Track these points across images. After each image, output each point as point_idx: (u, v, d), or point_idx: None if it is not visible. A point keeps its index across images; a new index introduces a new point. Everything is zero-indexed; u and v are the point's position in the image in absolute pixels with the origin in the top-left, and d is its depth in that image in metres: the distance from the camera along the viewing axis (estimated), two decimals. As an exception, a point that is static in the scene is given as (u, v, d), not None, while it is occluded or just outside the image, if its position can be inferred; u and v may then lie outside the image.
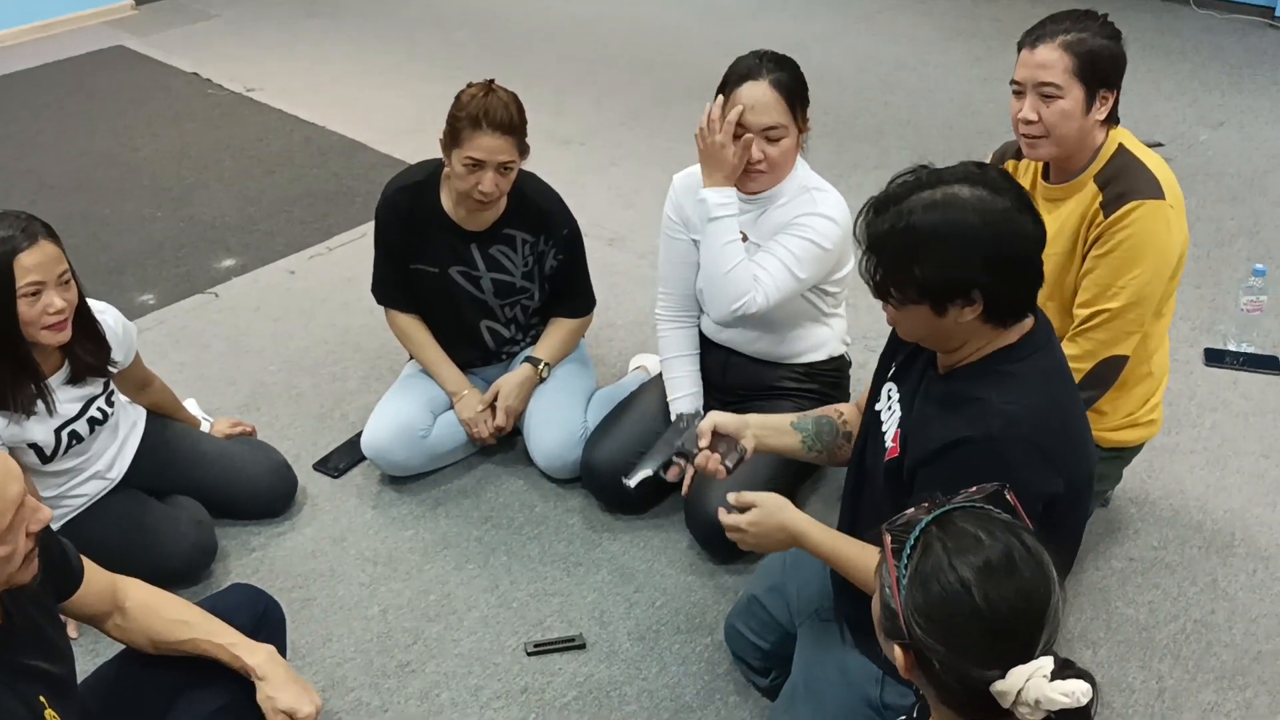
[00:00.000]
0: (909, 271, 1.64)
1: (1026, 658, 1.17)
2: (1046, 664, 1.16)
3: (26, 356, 2.22)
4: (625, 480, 2.07)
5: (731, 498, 1.95)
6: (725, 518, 1.94)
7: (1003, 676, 1.17)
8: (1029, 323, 1.73)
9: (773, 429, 2.10)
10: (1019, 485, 1.36)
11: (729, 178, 2.45)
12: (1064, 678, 1.15)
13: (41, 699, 1.65)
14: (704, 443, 2.05)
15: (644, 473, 2.03)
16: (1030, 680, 1.15)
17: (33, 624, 1.69)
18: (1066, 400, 1.74)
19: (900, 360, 1.90)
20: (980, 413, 1.65)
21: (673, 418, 2.66)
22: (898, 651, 1.26)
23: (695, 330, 2.78)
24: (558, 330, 2.94)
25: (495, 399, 2.86)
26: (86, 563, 1.90)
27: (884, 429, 1.88)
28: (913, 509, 1.31)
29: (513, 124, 2.56)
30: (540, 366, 2.89)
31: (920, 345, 1.80)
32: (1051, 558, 1.25)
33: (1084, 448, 1.76)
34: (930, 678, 1.24)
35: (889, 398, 1.91)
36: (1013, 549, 1.21)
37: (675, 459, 2.04)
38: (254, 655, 1.93)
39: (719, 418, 2.07)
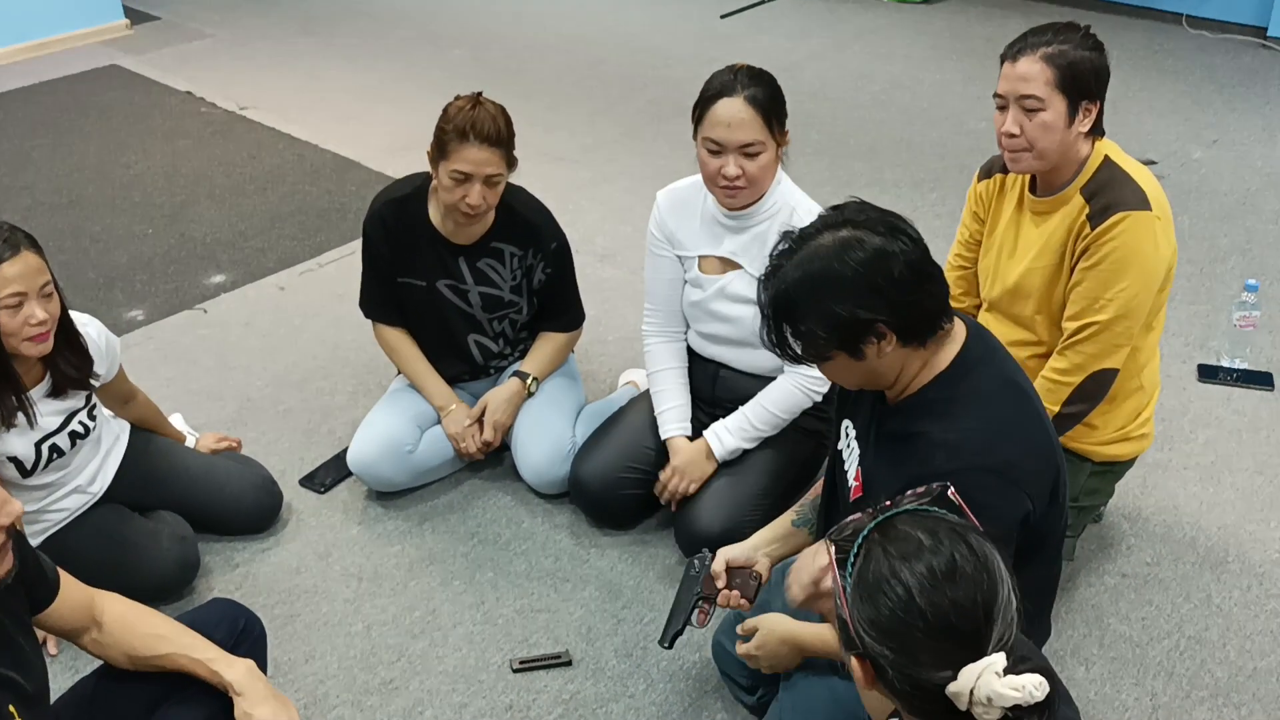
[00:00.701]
0: (805, 331, 1.68)
1: (977, 657, 1.16)
2: (998, 660, 1.15)
3: (7, 368, 2.19)
4: (660, 642, 2.14)
5: (739, 629, 2.04)
6: (740, 648, 2.04)
7: (954, 678, 1.16)
8: (960, 337, 1.73)
9: (779, 539, 2.14)
10: (982, 514, 1.34)
11: None
12: (1017, 673, 1.14)
13: (11, 709, 1.62)
14: (721, 583, 2.10)
15: (674, 628, 2.11)
16: (981, 678, 1.14)
17: (5, 633, 1.66)
18: (1014, 412, 1.72)
19: (851, 396, 1.90)
20: (924, 448, 1.67)
21: (669, 439, 2.67)
22: (855, 664, 1.25)
23: (682, 345, 2.77)
24: (546, 344, 2.92)
25: (483, 414, 2.84)
26: (63, 576, 1.87)
27: (846, 467, 1.90)
28: (857, 515, 1.30)
29: (500, 136, 2.55)
30: (529, 381, 2.87)
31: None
32: (1038, 569, 1.23)
33: (1044, 454, 1.74)
34: (888, 687, 1.23)
35: (847, 434, 1.92)
36: (955, 550, 1.20)
37: (700, 604, 2.10)
38: (232, 670, 1.90)
39: (729, 553, 2.12)
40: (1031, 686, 1.13)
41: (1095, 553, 2.66)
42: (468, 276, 2.76)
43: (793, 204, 2.49)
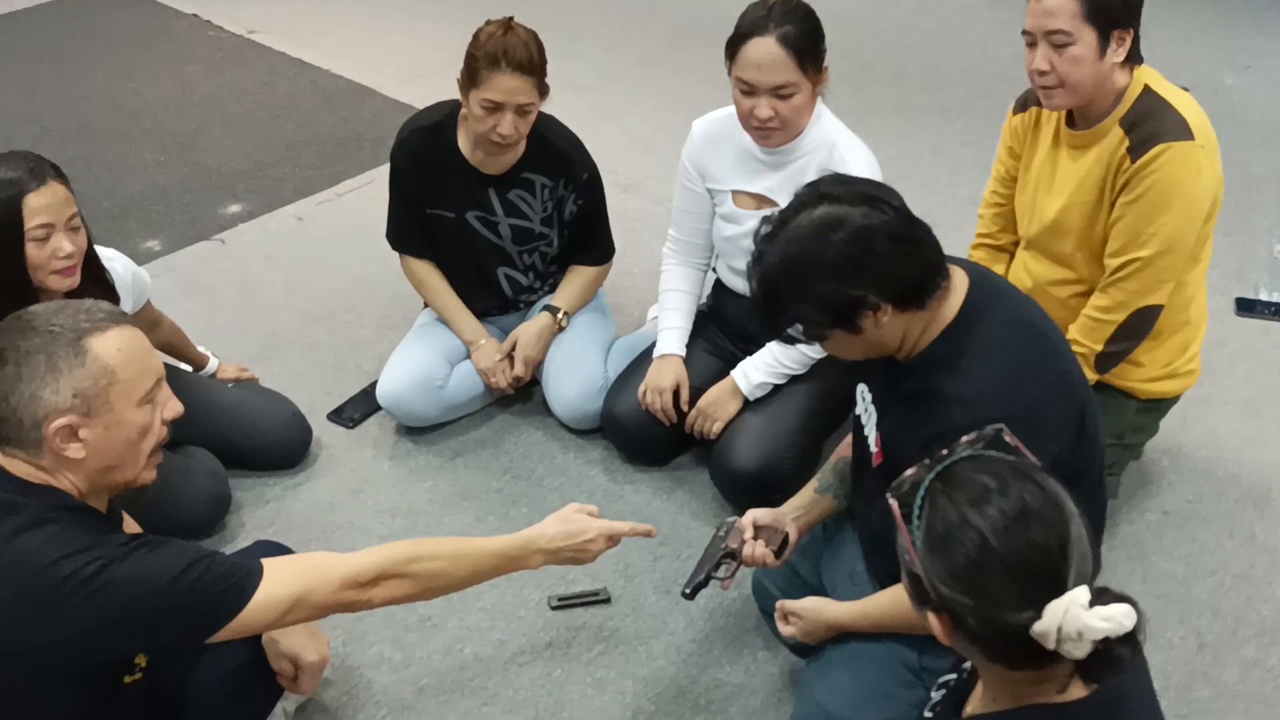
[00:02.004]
0: (798, 315, 1.67)
1: (1058, 593, 1.14)
2: (1082, 594, 1.13)
3: (36, 302, 2.14)
4: (683, 592, 2.08)
5: (778, 614, 2.01)
6: (784, 630, 2.01)
7: (1039, 617, 1.14)
8: (963, 287, 1.70)
9: (805, 506, 2.11)
10: None
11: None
12: (1103, 604, 1.12)
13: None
14: (747, 535, 2.06)
15: (698, 579, 2.06)
16: (1068, 613, 1.12)
17: None
18: (1028, 354, 1.69)
19: (863, 361, 1.86)
20: (939, 405, 1.65)
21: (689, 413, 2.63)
22: (932, 618, 1.23)
23: (700, 274, 2.73)
24: (576, 278, 2.87)
25: (513, 348, 2.79)
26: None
27: (866, 433, 1.88)
28: (913, 469, 1.28)
29: (533, 64, 2.47)
30: (559, 315, 2.82)
31: None
32: (1080, 505, 1.21)
33: (1065, 390, 1.71)
34: (969, 637, 1.21)
35: (864, 399, 1.90)
36: (1023, 490, 1.19)
37: (725, 560, 2.07)
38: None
39: (755, 514, 2.09)
40: (1121, 616, 1.11)
41: (1136, 489, 2.63)
42: (498, 208, 2.70)
43: (833, 140, 2.42)
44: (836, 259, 1.61)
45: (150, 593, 1.52)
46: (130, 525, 1.91)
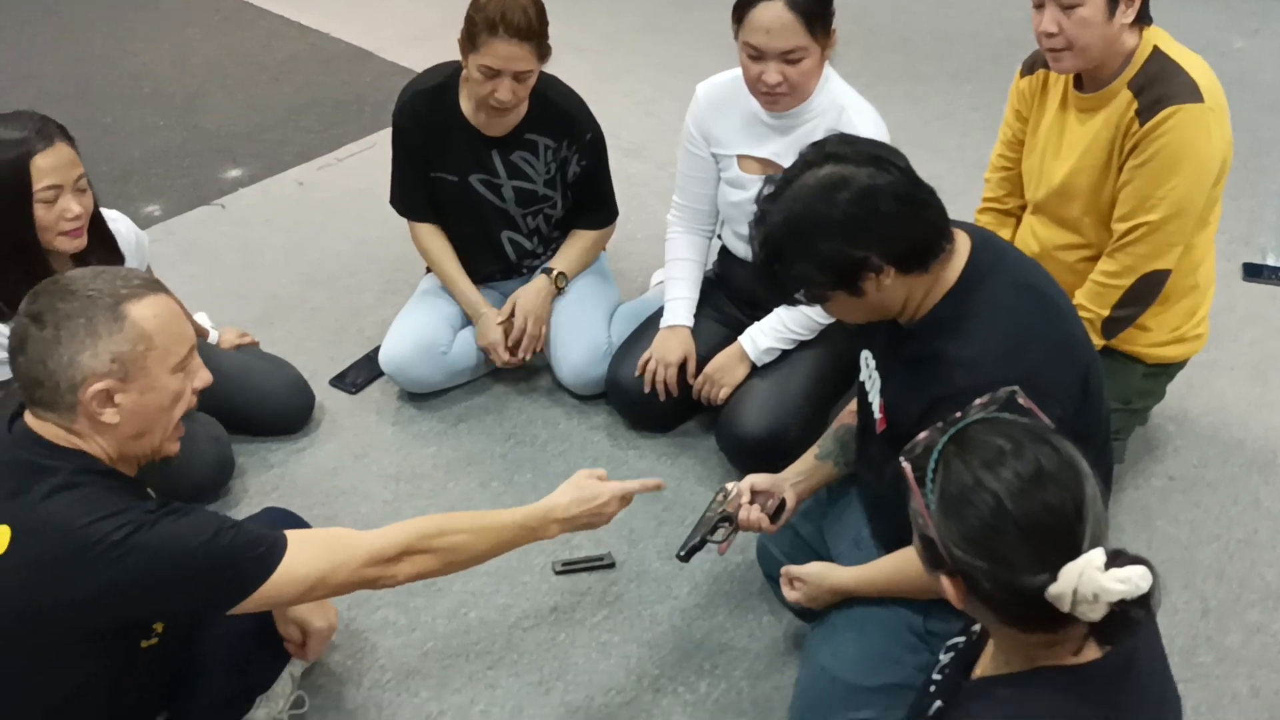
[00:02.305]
0: (800, 276, 1.65)
1: (1074, 556, 1.13)
2: (1097, 556, 1.12)
3: (44, 264, 2.13)
4: (677, 554, 2.08)
5: (783, 579, 2.01)
6: (788, 595, 2.01)
7: (1054, 579, 1.13)
8: (965, 250, 1.68)
9: (804, 472, 2.10)
10: None
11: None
12: (1119, 566, 1.12)
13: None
14: (744, 499, 2.06)
15: (692, 542, 2.06)
16: (1084, 575, 1.12)
17: None
18: (1031, 317, 1.67)
19: (866, 326, 1.85)
20: (942, 369, 1.63)
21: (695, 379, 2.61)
22: (945, 581, 1.23)
23: (705, 241, 2.71)
24: (576, 242, 2.85)
25: (512, 313, 2.77)
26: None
27: (870, 399, 1.86)
28: (926, 432, 1.27)
29: (531, 28, 2.43)
30: (555, 276, 2.79)
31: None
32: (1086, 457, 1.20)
33: (1068, 353, 1.69)
34: (983, 600, 1.20)
35: (868, 365, 1.89)
36: (1037, 452, 1.18)
37: (721, 524, 2.06)
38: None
39: (753, 479, 2.08)
40: (1137, 578, 1.11)
41: (1142, 455, 2.63)
42: (501, 170, 2.68)
43: (842, 104, 2.39)
44: (840, 219, 1.59)
45: (177, 557, 1.53)
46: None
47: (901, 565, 1.83)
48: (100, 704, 1.65)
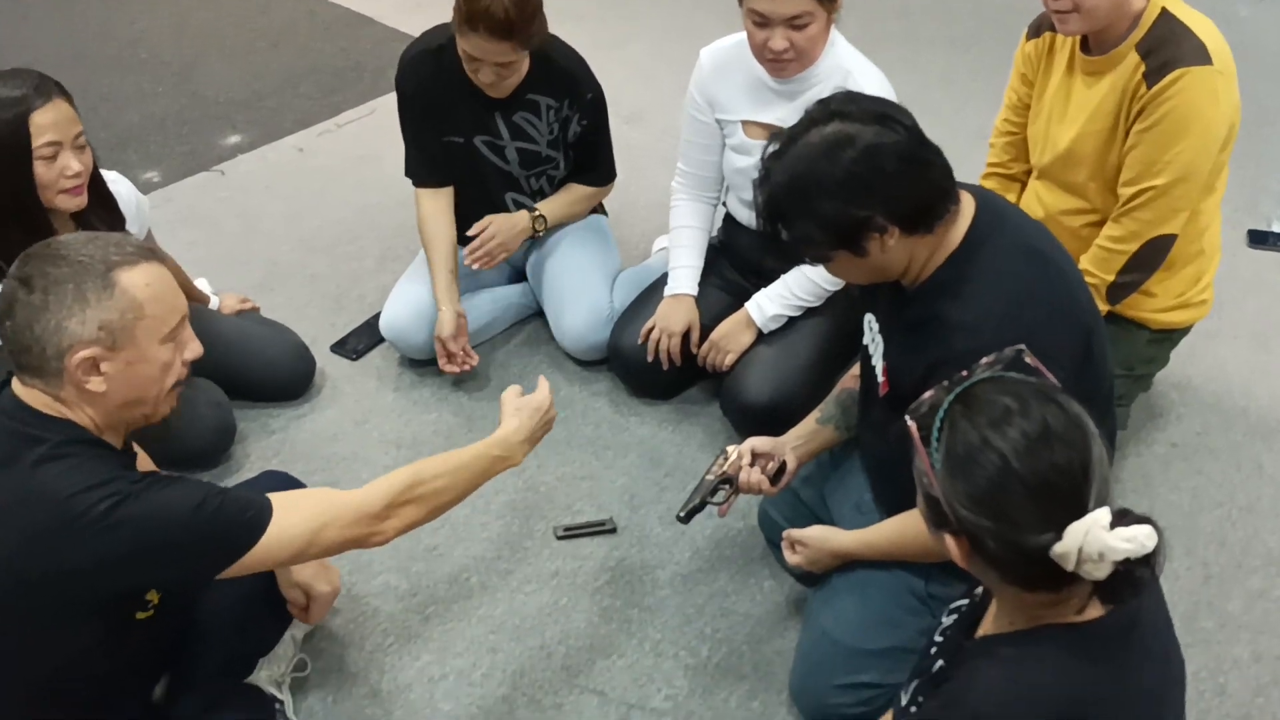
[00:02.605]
0: (803, 235, 1.63)
1: (1079, 515, 1.13)
2: (1103, 515, 1.12)
3: (45, 223, 2.11)
4: (677, 515, 2.09)
5: (784, 543, 2.02)
6: (789, 558, 2.01)
7: (1060, 538, 1.13)
8: (969, 212, 1.67)
9: (806, 436, 2.10)
10: None
11: None
12: (1125, 525, 1.11)
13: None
14: (744, 461, 2.05)
15: (692, 504, 2.06)
16: (1089, 534, 1.12)
17: None
18: (1033, 280, 1.66)
19: (866, 289, 1.85)
20: (942, 332, 1.62)
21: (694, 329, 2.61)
22: (950, 541, 1.22)
23: (710, 208, 2.69)
24: (567, 192, 2.82)
25: (482, 239, 2.70)
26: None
27: (873, 363, 1.85)
28: (931, 392, 1.26)
29: (510, 26, 2.36)
30: (535, 217, 2.75)
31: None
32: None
33: (1070, 317, 1.68)
34: (987, 559, 1.20)
35: (871, 329, 1.88)
36: (1044, 411, 1.17)
37: (721, 486, 2.06)
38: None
39: (754, 442, 2.08)
40: (1143, 537, 1.11)
41: (1144, 421, 2.62)
42: (504, 132, 2.66)
43: (847, 67, 2.37)
44: (844, 178, 1.57)
45: (165, 526, 1.52)
46: (145, 463, 1.90)
47: (903, 529, 1.83)
48: (97, 674, 1.65)
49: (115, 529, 1.48)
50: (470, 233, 2.72)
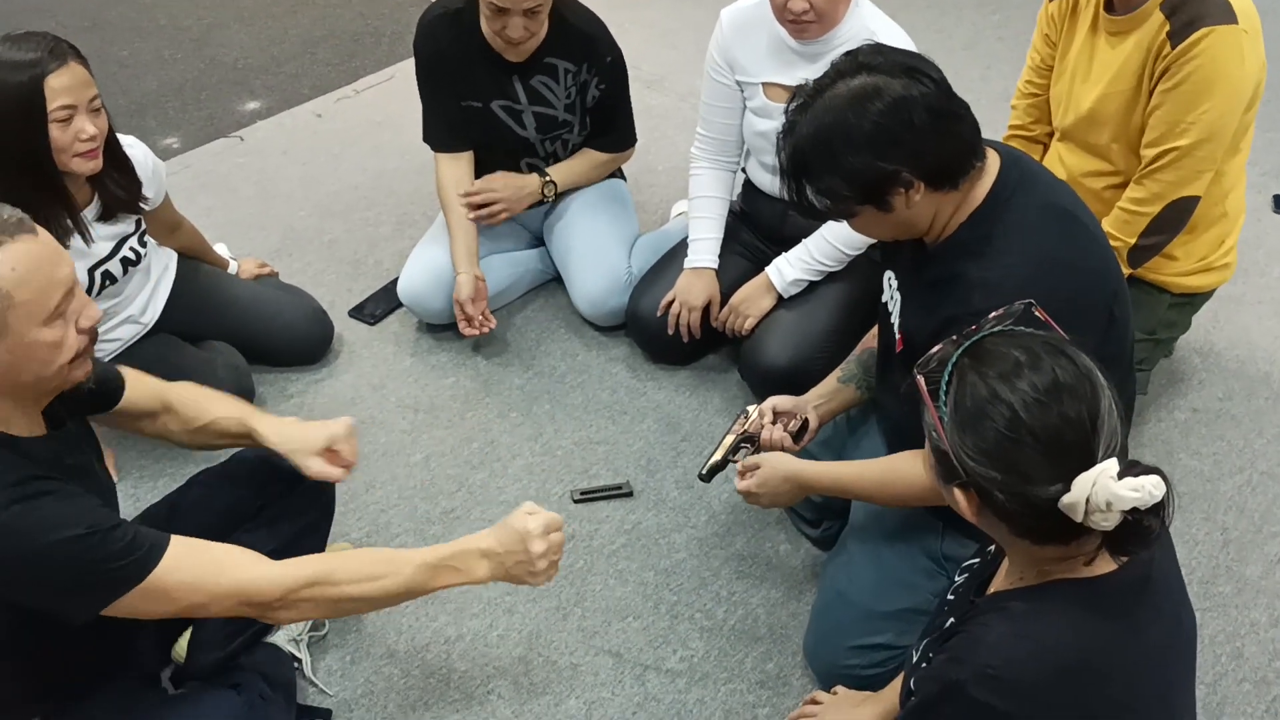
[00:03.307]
0: (825, 188, 1.60)
1: (1088, 466, 1.13)
2: (1111, 465, 1.12)
3: (61, 186, 2.12)
4: (699, 474, 2.09)
5: (739, 467, 2.00)
6: (738, 484, 2.00)
7: (1068, 489, 1.13)
8: (994, 169, 1.65)
9: (827, 395, 2.10)
10: None
11: None
12: (1133, 475, 1.11)
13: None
14: (766, 419, 2.05)
15: (715, 463, 2.06)
16: (1096, 484, 1.11)
17: (85, 460, 1.64)
18: (1056, 240, 1.64)
19: (888, 246, 1.83)
20: (961, 289, 1.61)
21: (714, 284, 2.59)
22: (958, 494, 1.22)
23: (730, 176, 2.67)
24: (582, 158, 2.80)
25: (483, 195, 2.69)
26: (126, 369, 1.83)
27: (892, 320, 1.84)
28: (940, 346, 1.25)
29: None
30: (545, 180, 2.74)
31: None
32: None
33: (1093, 278, 1.66)
34: (996, 512, 1.20)
35: (890, 285, 1.86)
36: (1054, 363, 1.17)
37: (742, 444, 2.06)
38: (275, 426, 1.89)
39: (775, 400, 2.08)
40: (1150, 486, 1.10)
41: (1166, 387, 2.60)
42: (522, 96, 2.64)
43: (871, 29, 2.34)
44: (871, 130, 1.55)
45: (27, 547, 1.40)
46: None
47: (886, 470, 1.83)
48: (67, 653, 1.61)
49: None
50: (474, 186, 2.69)
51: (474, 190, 2.68)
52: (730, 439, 2.06)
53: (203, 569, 1.54)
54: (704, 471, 2.06)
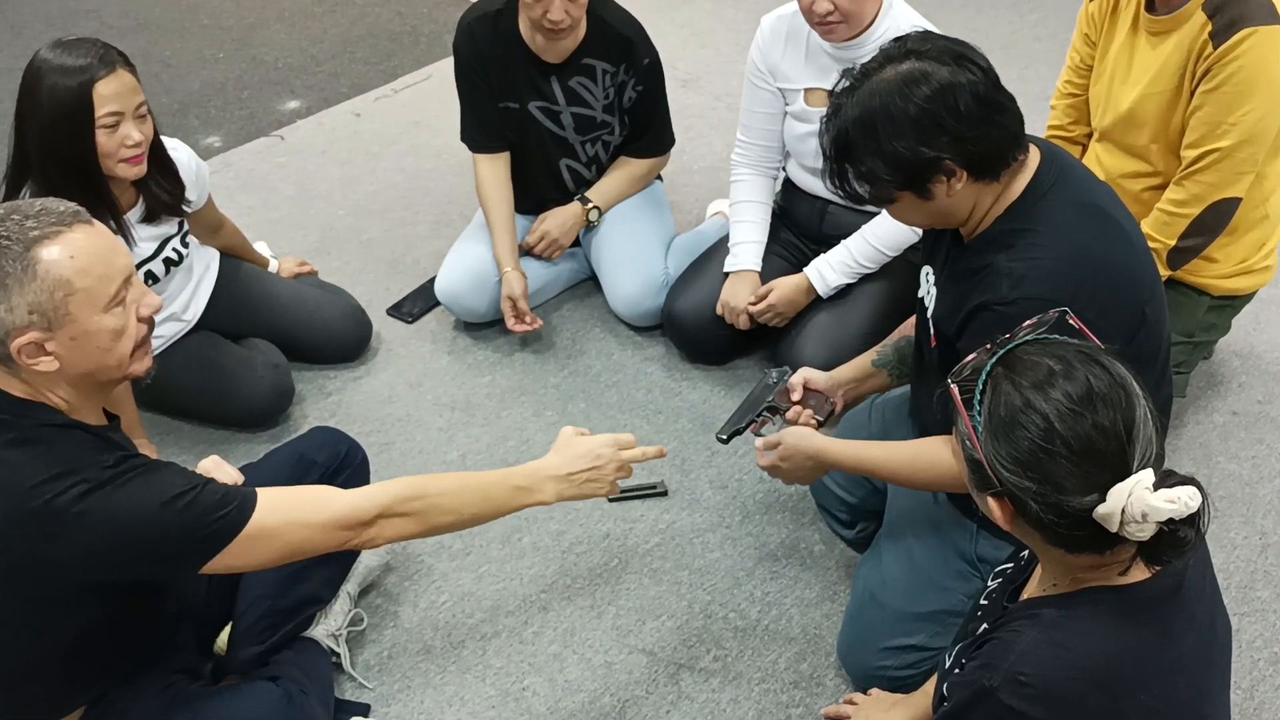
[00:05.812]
0: (867, 172, 1.59)
1: (1123, 476, 1.12)
2: (1146, 476, 1.11)
3: (106, 190, 2.15)
4: (718, 435, 2.07)
5: (759, 443, 1.97)
6: (760, 460, 1.97)
7: (1103, 500, 1.12)
8: (1033, 164, 1.64)
9: (858, 378, 2.09)
10: None
11: None
12: (1168, 486, 1.10)
13: None
14: (796, 396, 2.04)
15: (736, 425, 2.04)
16: (1132, 495, 1.11)
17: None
18: (1089, 237, 1.62)
19: (929, 242, 1.82)
20: (989, 278, 1.60)
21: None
22: (993, 503, 1.21)
23: (772, 181, 2.67)
24: (621, 171, 2.83)
25: (540, 240, 2.78)
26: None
27: (928, 315, 1.83)
28: (974, 355, 1.25)
29: None
30: (589, 207, 2.78)
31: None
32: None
33: (1124, 277, 1.63)
34: (1031, 521, 1.19)
35: (927, 280, 1.85)
36: (1088, 372, 1.16)
37: (766, 414, 2.04)
38: None
39: (809, 373, 2.06)
40: (1186, 497, 1.10)
41: (1205, 390, 2.58)
42: (560, 97, 2.66)
43: (905, 30, 2.33)
44: (917, 115, 1.54)
45: (131, 522, 1.46)
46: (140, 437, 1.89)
47: (915, 455, 1.79)
48: (122, 644, 1.64)
49: (80, 519, 1.43)
50: (531, 239, 2.78)
51: (532, 241, 2.77)
52: (756, 403, 2.03)
53: (299, 504, 1.61)
54: (724, 436, 2.04)
